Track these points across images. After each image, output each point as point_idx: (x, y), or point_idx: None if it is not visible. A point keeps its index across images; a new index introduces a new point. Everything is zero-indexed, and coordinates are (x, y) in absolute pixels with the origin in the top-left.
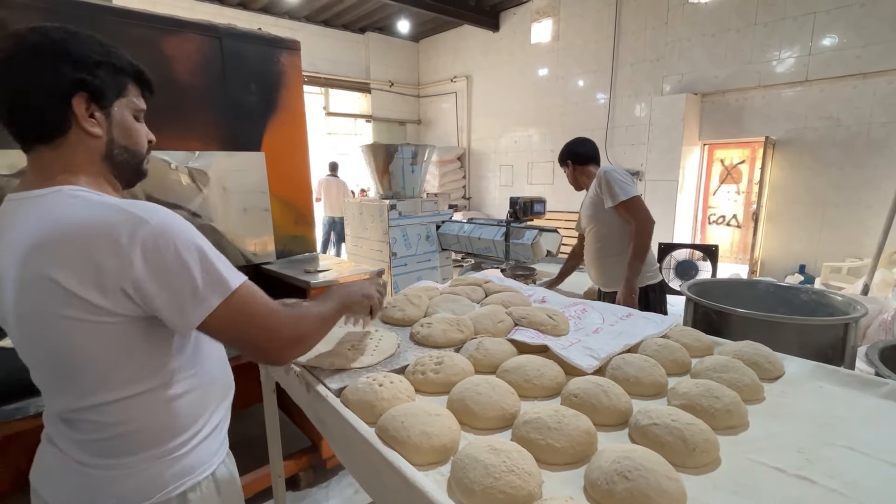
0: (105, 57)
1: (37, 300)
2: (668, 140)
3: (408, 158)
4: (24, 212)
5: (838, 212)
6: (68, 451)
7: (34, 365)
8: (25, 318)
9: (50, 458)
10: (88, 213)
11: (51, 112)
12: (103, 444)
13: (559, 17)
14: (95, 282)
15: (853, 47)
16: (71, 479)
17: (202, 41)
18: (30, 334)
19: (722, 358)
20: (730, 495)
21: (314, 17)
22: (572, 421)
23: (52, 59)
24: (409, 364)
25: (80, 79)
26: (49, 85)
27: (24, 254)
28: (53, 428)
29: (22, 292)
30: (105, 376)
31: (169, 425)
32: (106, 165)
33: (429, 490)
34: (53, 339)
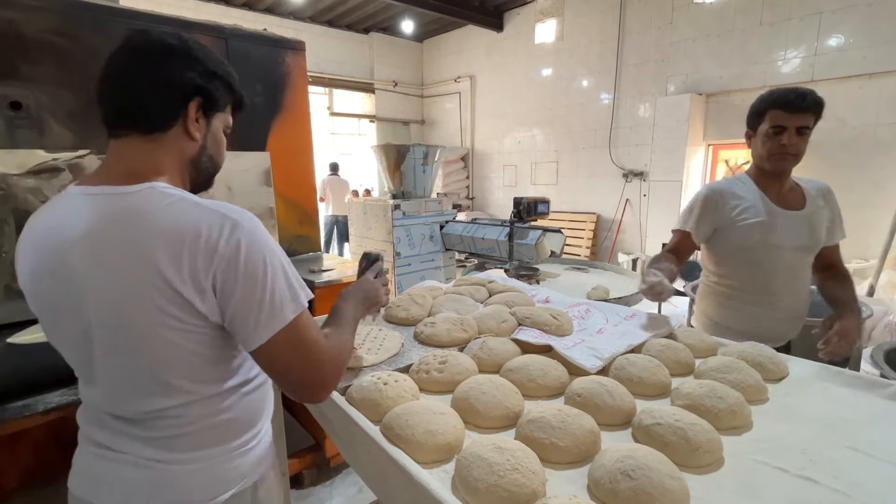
0: (224, 73)
1: (145, 293)
2: (673, 140)
3: (419, 158)
4: (110, 207)
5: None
6: (134, 451)
7: (121, 362)
8: (127, 311)
9: (104, 463)
10: (189, 215)
11: (167, 105)
12: (185, 438)
13: (563, 17)
14: (196, 285)
15: (859, 47)
16: (138, 479)
17: (207, 42)
18: (129, 329)
19: (726, 359)
20: (733, 495)
21: (318, 18)
22: (576, 420)
23: (186, 62)
24: (413, 363)
25: (203, 86)
26: (175, 81)
27: (127, 249)
28: (107, 431)
29: (128, 286)
30: (195, 375)
31: (247, 419)
32: (189, 169)
33: (433, 488)
34: (154, 334)
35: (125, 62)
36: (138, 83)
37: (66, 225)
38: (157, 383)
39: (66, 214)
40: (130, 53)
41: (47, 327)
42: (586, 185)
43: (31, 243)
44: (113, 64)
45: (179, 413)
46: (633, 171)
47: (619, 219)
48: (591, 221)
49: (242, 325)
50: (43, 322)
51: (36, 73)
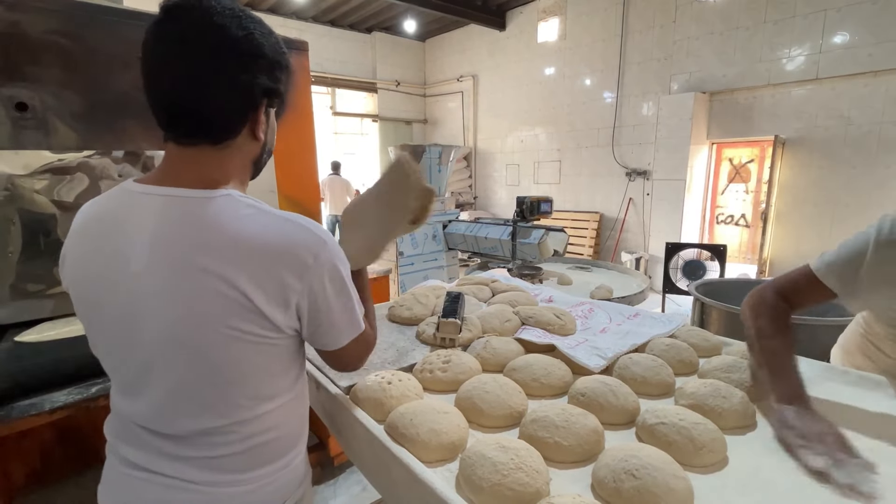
0: (286, 60)
1: (213, 309)
2: (676, 139)
3: (435, 158)
4: (182, 210)
5: (849, 211)
6: (176, 472)
7: (181, 375)
8: (198, 321)
9: (142, 485)
10: (274, 228)
11: (237, 117)
12: (235, 458)
13: (566, 15)
14: (279, 300)
15: (865, 45)
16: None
17: None
18: (196, 339)
19: (730, 358)
20: (737, 495)
21: (321, 18)
22: (580, 419)
23: (252, 61)
24: (416, 363)
25: (272, 87)
26: (246, 91)
27: (193, 258)
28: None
29: (193, 299)
30: (257, 390)
31: (292, 435)
32: (252, 167)
33: (437, 487)
34: (218, 349)
35: (184, 62)
36: (208, 93)
37: (128, 223)
38: (216, 399)
39: (126, 211)
40: (190, 49)
41: (93, 332)
42: (589, 184)
43: (84, 240)
44: (169, 61)
45: (233, 430)
46: (636, 170)
47: (622, 218)
48: (594, 220)
49: (328, 332)
50: (89, 326)
51: (41, 75)
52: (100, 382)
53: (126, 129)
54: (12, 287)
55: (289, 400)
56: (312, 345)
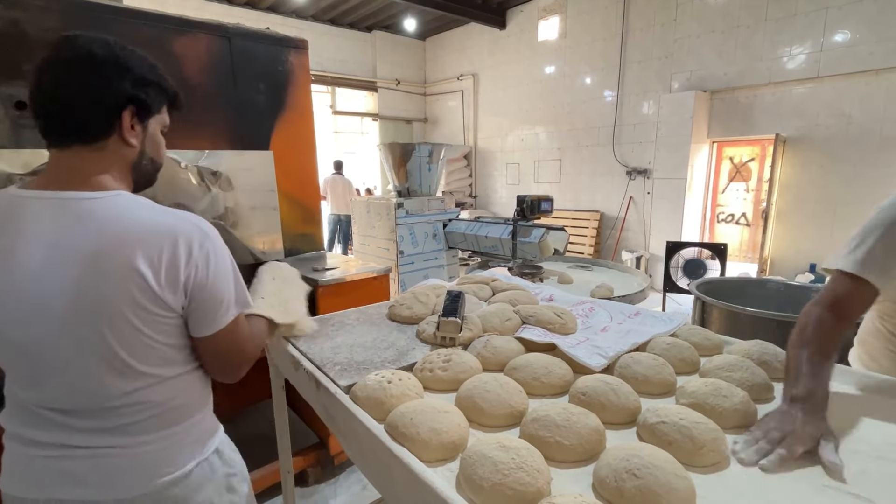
0: (155, 78)
1: (120, 289)
2: (677, 138)
3: (424, 157)
4: (75, 210)
5: (850, 210)
6: (97, 442)
7: (89, 355)
8: (100, 306)
9: (64, 462)
10: (163, 218)
11: (101, 118)
12: (151, 421)
13: (566, 14)
14: (170, 282)
15: (866, 43)
16: (112, 467)
17: (211, 41)
18: (100, 322)
19: (731, 357)
20: (739, 495)
21: (321, 16)
22: (581, 419)
23: (115, 72)
24: (417, 362)
25: (135, 95)
26: (107, 94)
27: (102, 249)
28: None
29: (102, 283)
30: (158, 359)
31: (198, 400)
32: (131, 172)
33: (438, 486)
34: (126, 324)
35: (57, 75)
36: (72, 97)
37: (20, 223)
38: (123, 369)
39: (15, 213)
40: (61, 66)
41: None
42: (590, 183)
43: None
44: (45, 77)
45: (139, 400)
46: (636, 168)
47: (622, 217)
48: (594, 219)
49: (203, 317)
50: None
51: None
52: None
53: None
54: None
55: (188, 371)
56: (192, 331)
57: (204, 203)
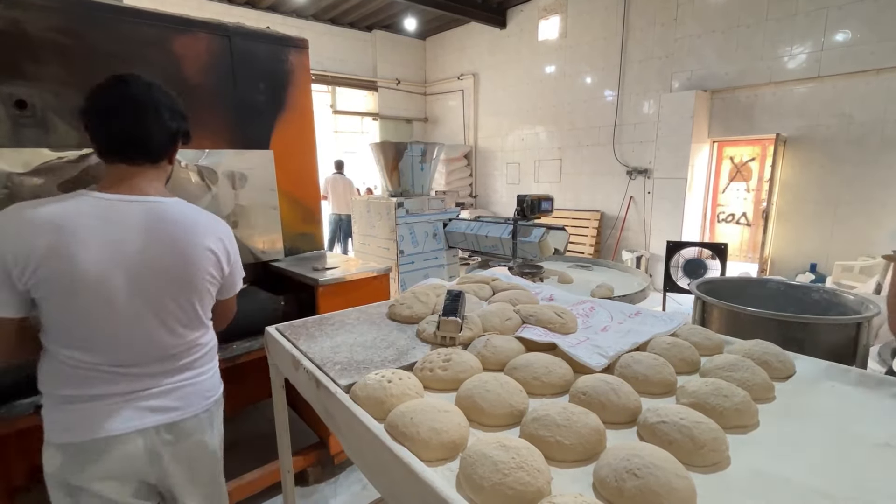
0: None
1: (198, 261)
2: (677, 137)
3: (417, 156)
4: (159, 211)
5: (850, 210)
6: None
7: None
8: (185, 275)
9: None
10: (212, 219)
11: (168, 148)
12: (203, 358)
13: (567, 13)
14: (224, 256)
15: (867, 43)
16: (184, 394)
17: (212, 40)
18: (185, 285)
19: (732, 357)
20: (740, 494)
21: (321, 16)
22: (581, 418)
23: (177, 113)
24: (417, 361)
25: (186, 130)
26: (174, 130)
27: (182, 236)
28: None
29: (187, 258)
30: (208, 311)
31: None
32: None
33: (438, 485)
34: (201, 288)
35: (138, 114)
36: (152, 132)
37: (125, 222)
38: (192, 321)
39: (118, 214)
40: (131, 103)
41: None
42: (590, 183)
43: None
44: (125, 113)
45: (202, 342)
46: (637, 168)
47: (622, 216)
48: (594, 219)
49: (231, 284)
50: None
51: (41, 72)
52: None
53: None
54: None
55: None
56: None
57: (204, 202)
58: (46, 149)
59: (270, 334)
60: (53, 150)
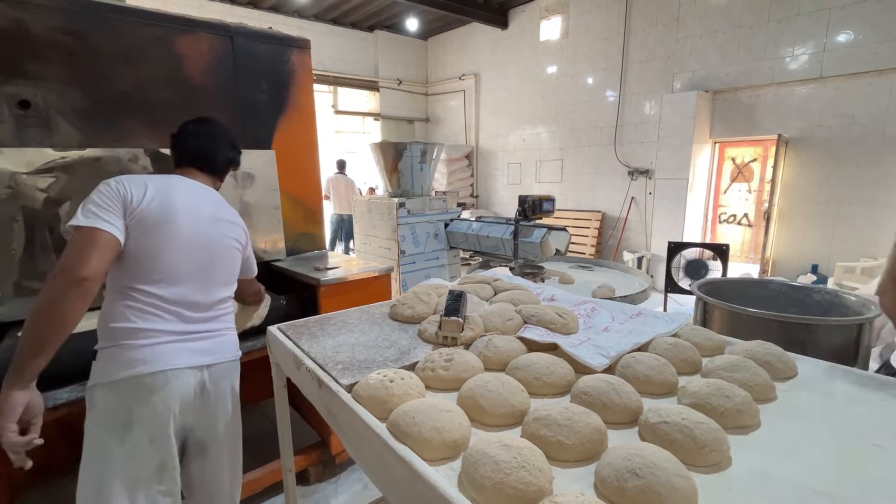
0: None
1: (233, 234)
2: (679, 138)
3: (417, 156)
4: (213, 193)
5: (852, 211)
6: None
7: (219, 265)
8: (227, 239)
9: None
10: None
11: (225, 166)
12: (229, 315)
13: (568, 14)
14: (245, 237)
15: (869, 43)
16: (221, 342)
17: (214, 40)
18: (224, 248)
19: (733, 357)
20: (741, 494)
21: (323, 16)
22: (582, 418)
23: (235, 148)
24: (419, 361)
25: (237, 160)
26: (229, 158)
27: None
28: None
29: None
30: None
31: None
32: None
33: (440, 485)
34: (234, 250)
35: (210, 142)
36: (218, 152)
37: (196, 192)
38: (229, 278)
39: (192, 188)
40: (215, 139)
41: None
42: (591, 183)
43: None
44: (203, 138)
45: (230, 301)
46: (638, 168)
47: (624, 217)
48: (595, 220)
49: (250, 265)
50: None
51: (44, 72)
52: None
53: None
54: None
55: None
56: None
57: None
58: (50, 148)
59: (272, 334)
60: (57, 149)
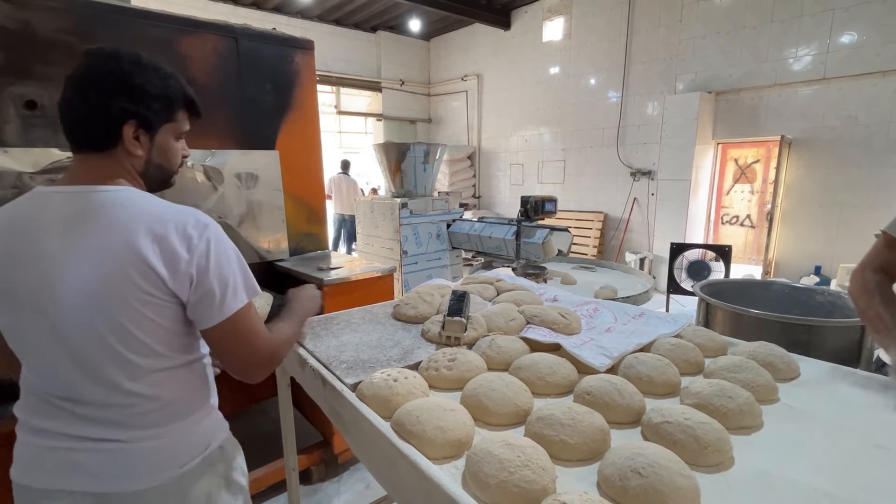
0: (162, 90)
1: (120, 270)
2: (682, 139)
3: (420, 157)
4: (93, 199)
5: (855, 212)
6: (101, 434)
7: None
8: (105, 284)
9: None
10: (165, 209)
11: (103, 131)
12: (153, 415)
13: (571, 15)
14: (169, 265)
15: (873, 44)
16: (110, 460)
17: (218, 41)
18: (106, 301)
19: (736, 358)
20: (743, 494)
21: (326, 17)
22: (585, 418)
23: (116, 88)
24: (422, 360)
25: (134, 110)
26: (107, 109)
27: (108, 232)
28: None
29: (107, 261)
30: (160, 343)
31: (204, 390)
32: (140, 178)
33: (444, 483)
34: (128, 305)
35: (69, 90)
36: (77, 111)
37: (42, 215)
38: (120, 358)
39: (39, 207)
40: (74, 82)
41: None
42: (594, 184)
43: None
44: (66, 91)
45: (148, 390)
46: (640, 169)
47: (626, 218)
48: (598, 220)
49: (209, 304)
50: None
51: (50, 73)
52: None
53: None
54: None
55: (183, 364)
56: (200, 323)
57: (210, 202)
58: (56, 149)
59: None
60: (63, 149)
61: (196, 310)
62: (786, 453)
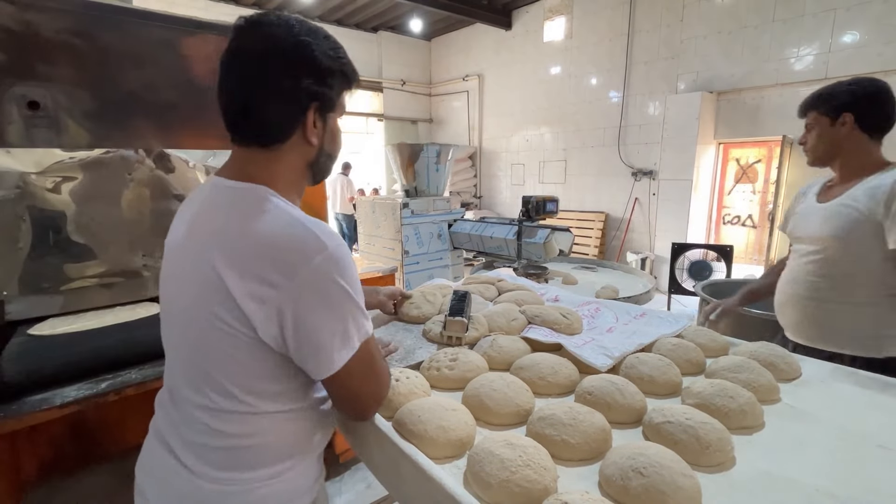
0: (339, 65)
1: (200, 290)
2: (683, 139)
3: (433, 157)
4: (218, 198)
5: None
6: (181, 454)
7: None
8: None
9: (158, 461)
10: (279, 227)
11: (284, 121)
12: (217, 452)
13: (572, 14)
14: (255, 292)
15: (875, 44)
16: (177, 488)
17: (220, 42)
18: (190, 318)
19: (737, 358)
20: (744, 494)
21: (327, 17)
22: (587, 418)
23: (301, 68)
24: (423, 360)
25: (320, 92)
26: (294, 94)
27: (202, 240)
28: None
29: (192, 280)
30: (236, 385)
31: (287, 447)
32: (308, 170)
33: (446, 482)
34: (201, 329)
35: (240, 71)
36: (255, 98)
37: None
38: (202, 379)
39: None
40: (244, 61)
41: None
42: (595, 184)
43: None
44: (228, 73)
45: (218, 418)
46: (642, 169)
47: (627, 218)
48: (599, 220)
49: (315, 353)
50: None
51: (53, 73)
52: (109, 378)
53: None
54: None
55: (280, 411)
56: (304, 367)
57: None
58: (58, 149)
59: None
60: (65, 150)
61: (301, 358)
62: (787, 453)
